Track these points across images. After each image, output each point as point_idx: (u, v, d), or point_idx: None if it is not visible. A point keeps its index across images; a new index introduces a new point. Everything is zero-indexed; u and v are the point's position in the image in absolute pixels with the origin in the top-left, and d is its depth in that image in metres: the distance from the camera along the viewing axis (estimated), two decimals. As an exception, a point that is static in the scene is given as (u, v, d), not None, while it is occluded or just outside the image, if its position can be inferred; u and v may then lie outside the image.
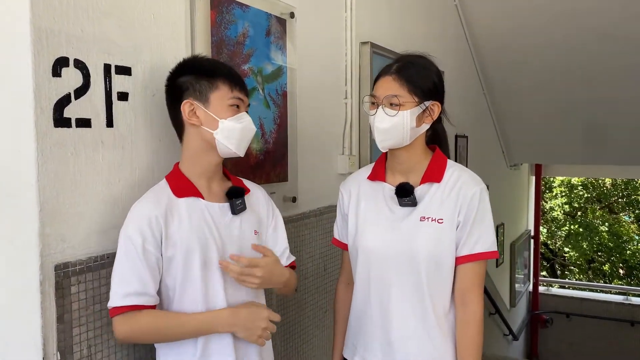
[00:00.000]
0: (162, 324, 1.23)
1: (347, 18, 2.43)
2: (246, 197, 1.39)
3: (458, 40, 4.22)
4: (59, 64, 1.18)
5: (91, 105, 1.26)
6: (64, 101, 1.19)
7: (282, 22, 1.95)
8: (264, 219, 1.44)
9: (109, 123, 1.31)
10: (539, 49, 4.31)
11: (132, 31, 1.36)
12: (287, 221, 2.02)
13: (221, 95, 1.27)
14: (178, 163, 1.35)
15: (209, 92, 1.27)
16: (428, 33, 3.50)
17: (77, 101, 1.22)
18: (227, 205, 1.34)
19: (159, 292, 1.26)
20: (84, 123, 1.24)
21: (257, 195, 1.46)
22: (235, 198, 1.34)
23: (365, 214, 1.49)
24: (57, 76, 1.18)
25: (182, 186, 1.30)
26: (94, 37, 1.26)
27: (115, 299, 1.19)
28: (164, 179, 1.33)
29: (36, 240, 1.15)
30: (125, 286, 1.19)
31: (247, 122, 1.31)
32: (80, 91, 1.23)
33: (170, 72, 1.34)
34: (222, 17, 1.65)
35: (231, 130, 1.27)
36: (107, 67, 1.29)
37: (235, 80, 1.30)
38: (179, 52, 1.49)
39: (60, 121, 1.19)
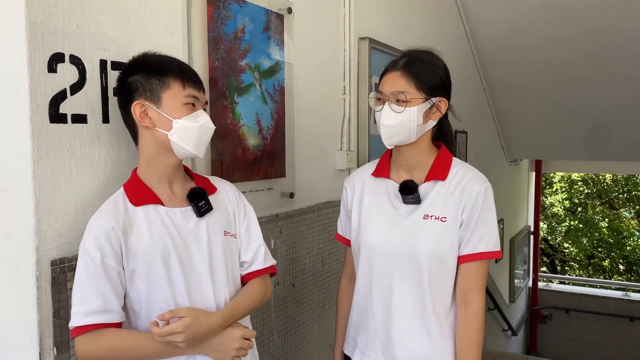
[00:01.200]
0: (126, 345, 1.15)
1: (345, 13, 2.42)
2: (213, 196, 1.31)
3: (458, 35, 4.21)
4: (55, 60, 1.18)
5: (87, 101, 1.26)
6: (59, 97, 1.19)
7: (280, 17, 1.95)
8: (234, 217, 1.36)
9: (105, 119, 1.31)
10: (539, 44, 4.29)
11: (128, 27, 1.35)
12: (285, 217, 2.04)
13: (173, 93, 1.19)
14: (136, 169, 1.27)
15: (160, 92, 1.19)
16: (427, 28, 3.49)
17: (72, 97, 1.23)
18: (190, 208, 1.26)
19: (124, 308, 1.19)
20: (80, 119, 1.25)
21: (225, 192, 1.37)
22: (197, 200, 1.26)
23: (368, 210, 1.49)
24: (52, 72, 1.18)
25: (139, 193, 1.22)
26: (90, 32, 1.26)
27: (76, 319, 1.11)
28: (122, 187, 1.25)
29: (32, 236, 1.15)
30: (86, 304, 1.11)
31: (204, 120, 1.22)
32: (76, 87, 1.23)
33: (120, 72, 1.26)
34: (219, 12, 1.64)
35: (186, 130, 1.20)
36: (103, 63, 1.29)
37: (187, 77, 1.22)
38: (176, 48, 1.49)
39: (56, 117, 1.19)
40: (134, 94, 1.20)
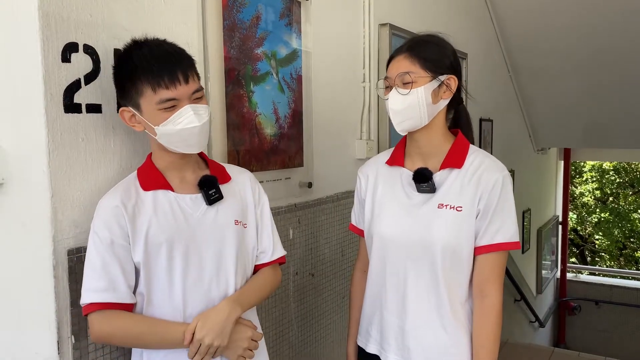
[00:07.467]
0: (138, 331, 1.16)
1: (365, -1, 2.37)
2: (227, 185, 1.30)
3: (483, 21, 4.10)
4: (68, 50, 1.18)
5: (102, 90, 1.26)
6: (73, 87, 1.19)
7: (297, 4, 1.91)
8: (248, 208, 1.34)
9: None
10: (566, 29, 4.15)
11: (141, 15, 1.34)
12: (303, 207, 2.02)
13: (147, 100, 1.14)
14: (151, 154, 1.28)
15: (136, 98, 1.15)
16: (451, 13, 3.40)
17: (87, 87, 1.22)
18: (200, 195, 1.25)
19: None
20: (95, 109, 1.25)
21: (241, 181, 1.35)
22: (208, 188, 1.25)
23: (381, 199, 1.46)
24: (66, 62, 1.18)
25: (150, 178, 1.22)
26: (103, 22, 1.25)
27: (87, 296, 1.13)
28: (136, 171, 1.26)
29: (49, 226, 1.16)
30: (95, 282, 1.13)
31: (186, 121, 1.14)
32: (90, 77, 1.23)
33: (112, 71, 1.23)
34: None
35: (169, 135, 1.16)
36: (117, 52, 1.28)
37: (157, 77, 1.12)
38: (191, 37, 1.47)
39: (71, 107, 1.19)
40: (121, 98, 1.20)
